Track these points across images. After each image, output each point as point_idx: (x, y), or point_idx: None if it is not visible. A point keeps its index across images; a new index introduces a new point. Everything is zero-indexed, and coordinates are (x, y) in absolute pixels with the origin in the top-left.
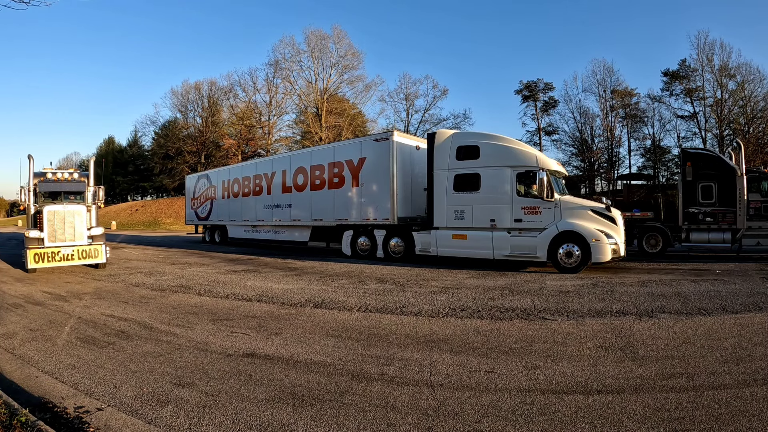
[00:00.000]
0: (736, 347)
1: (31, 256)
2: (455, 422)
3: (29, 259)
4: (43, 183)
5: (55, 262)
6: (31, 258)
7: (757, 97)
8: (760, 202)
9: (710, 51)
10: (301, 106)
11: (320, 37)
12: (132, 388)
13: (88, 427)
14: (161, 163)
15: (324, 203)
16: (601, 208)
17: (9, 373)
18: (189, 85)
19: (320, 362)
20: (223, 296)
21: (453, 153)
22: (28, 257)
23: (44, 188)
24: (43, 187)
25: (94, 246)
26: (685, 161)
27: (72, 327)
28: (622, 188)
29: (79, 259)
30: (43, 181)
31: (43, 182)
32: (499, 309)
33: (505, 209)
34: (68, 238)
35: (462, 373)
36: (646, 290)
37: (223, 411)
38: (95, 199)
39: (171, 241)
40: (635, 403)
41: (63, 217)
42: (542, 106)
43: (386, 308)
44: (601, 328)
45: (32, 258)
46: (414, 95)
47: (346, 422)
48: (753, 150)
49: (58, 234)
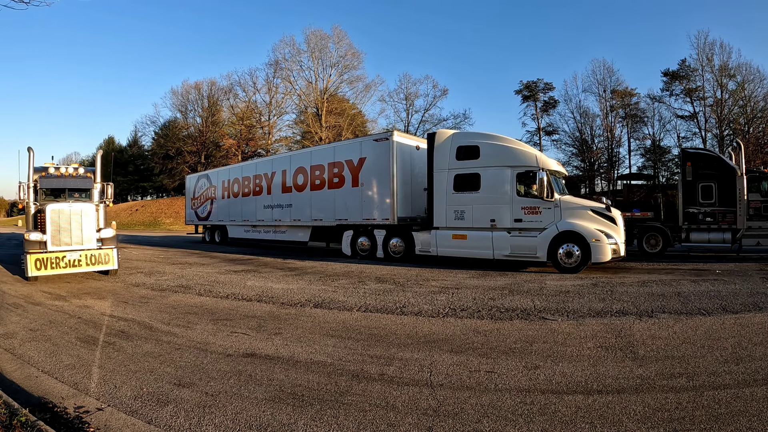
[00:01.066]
0: (736, 347)
1: (32, 262)
2: (455, 422)
3: (30, 266)
4: (45, 179)
5: (60, 269)
6: (32, 264)
7: (757, 97)
8: (760, 202)
9: (710, 51)
10: (301, 106)
11: (320, 37)
12: (132, 388)
13: (88, 427)
14: (161, 163)
15: (324, 203)
16: (601, 208)
17: (9, 373)
18: (189, 85)
19: (320, 362)
20: (223, 296)
21: (453, 153)
22: (29, 263)
23: (46, 185)
24: (45, 184)
25: (104, 250)
26: (685, 161)
27: (72, 327)
28: (622, 188)
29: (88, 265)
30: (45, 177)
31: (44, 178)
32: (499, 309)
33: (505, 209)
34: (75, 242)
35: (462, 373)
36: (646, 290)
37: (223, 411)
38: (103, 197)
39: (171, 241)
40: (635, 403)
41: (69, 216)
42: (542, 106)
43: (386, 308)
44: (601, 328)
45: (33, 264)
46: (414, 95)
47: (346, 422)
48: (753, 150)
49: (63, 236)
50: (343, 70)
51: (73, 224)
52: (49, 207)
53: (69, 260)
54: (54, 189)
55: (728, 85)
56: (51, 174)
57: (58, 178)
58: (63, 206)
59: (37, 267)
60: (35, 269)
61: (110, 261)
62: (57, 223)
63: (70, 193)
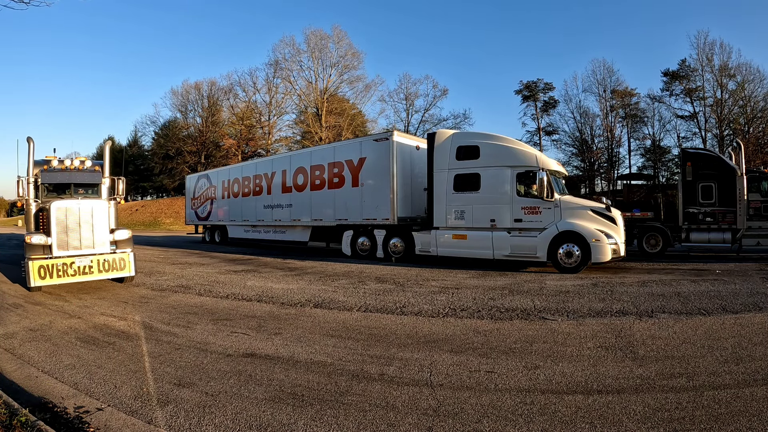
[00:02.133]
0: (736, 347)
1: (34, 270)
2: (455, 422)
3: (32, 274)
4: (48, 173)
5: (68, 278)
6: (34, 272)
7: (757, 97)
8: (760, 202)
9: (710, 51)
10: (301, 106)
11: (320, 37)
12: (132, 388)
13: (88, 427)
14: (161, 163)
15: (324, 203)
16: (601, 208)
17: (9, 373)
18: (189, 85)
19: (320, 362)
20: (223, 296)
21: (453, 153)
22: (31, 271)
23: (49, 179)
24: (48, 178)
25: (119, 254)
26: (685, 161)
27: (72, 327)
28: (622, 188)
29: (101, 272)
30: (48, 171)
31: (47, 172)
32: (499, 309)
33: (505, 209)
34: (85, 245)
35: (462, 373)
36: (646, 290)
37: (223, 411)
38: (113, 193)
39: (171, 241)
40: (635, 403)
41: (77, 215)
42: (542, 106)
43: (386, 308)
44: (601, 328)
45: (36, 272)
46: (414, 95)
47: (346, 422)
48: (753, 150)
49: (72, 239)
50: (343, 70)
51: (83, 224)
52: (54, 204)
53: (78, 267)
54: (58, 184)
55: (728, 85)
56: (54, 167)
57: (62, 171)
58: (71, 203)
59: (41, 275)
60: (39, 278)
61: (126, 267)
62: (64, 223)
63: (75, 189)
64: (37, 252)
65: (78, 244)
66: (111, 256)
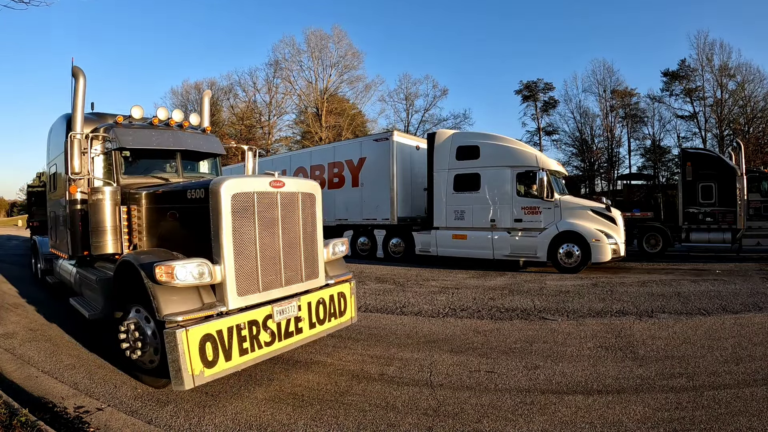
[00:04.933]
0: (736, 347)
1: (194, 347)
2: (455, 422)
3: (191, 357)
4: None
5: (256, 354)
6: (194, 352)
7: (757, 97)
8: (760, 202)
9: (710, 51)
10: (301, 106)
11: (320, 37)
12: (132, 388)
13: (88, 427)
14: None
15: (324, 203)
16: (601, 208)
17: (9, 373)
18: (189, 85)
19: (320, 362)
20: None
21: (453, 153)
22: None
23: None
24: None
25: (337, 287)
26: (685, 161)
27: (72, 327)
28: (622, 188)
29: (313, 326)
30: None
31: (126, 128)
32: (499, 309)
33: (505, 209)
34: (289, 278)
35: (462, 373)
36: (646, 290)
37: (223, 411)
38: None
39: None
40: (635, 403)
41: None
42: (542, 106)
43: (386, 308)
44: (601, 328)
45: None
46: (414, 95)
47: (346, 422)
48: (753, 150)
49: (267, 268)
50: (343, 70)
51: (285, 231)
52: (226, 187)
53: (278, 326)
54: (154, 151)
55: (728, 85)
56: (139, 123)
57: (156, 128)
58: (260, 183)
59: (208, 358)
60: (203, 364)
61: (348, 310)
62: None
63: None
64: (187, 301)
65: (278, 279)
66: (327, 292)
